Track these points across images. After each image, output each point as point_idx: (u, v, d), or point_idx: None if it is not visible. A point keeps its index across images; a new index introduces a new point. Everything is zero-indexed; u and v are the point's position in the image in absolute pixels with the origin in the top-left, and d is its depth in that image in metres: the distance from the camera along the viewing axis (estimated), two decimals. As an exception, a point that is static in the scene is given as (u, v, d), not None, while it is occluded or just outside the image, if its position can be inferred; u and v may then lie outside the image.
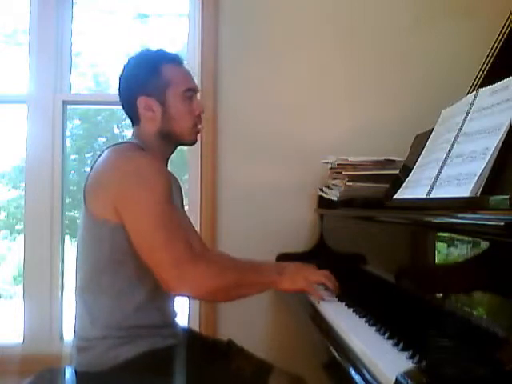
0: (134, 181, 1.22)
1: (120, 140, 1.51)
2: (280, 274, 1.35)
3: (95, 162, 1.34)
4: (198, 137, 1.45)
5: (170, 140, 1.40)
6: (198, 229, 2.06)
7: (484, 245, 0.85)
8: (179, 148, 1.48)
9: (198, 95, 1.44)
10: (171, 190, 1.27)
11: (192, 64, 2.16)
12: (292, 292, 1.40)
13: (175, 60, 1.40)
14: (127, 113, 1.42)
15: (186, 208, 1.76)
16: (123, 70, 1.41)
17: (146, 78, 1.35)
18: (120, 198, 1.21)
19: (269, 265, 1.44)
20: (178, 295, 1.34)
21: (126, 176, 1.23)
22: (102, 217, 1.23)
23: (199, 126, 1.43)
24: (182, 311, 2.08)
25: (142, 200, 1.20)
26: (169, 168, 1.45)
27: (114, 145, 1.36)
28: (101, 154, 1.34)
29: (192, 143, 1.45)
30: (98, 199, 1.26)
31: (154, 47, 1.44)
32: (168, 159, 1.45)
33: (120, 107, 1.44)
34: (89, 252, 1.30)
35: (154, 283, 1.25)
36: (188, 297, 1.65)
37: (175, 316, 1.38)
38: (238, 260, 1.57)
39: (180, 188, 1.53)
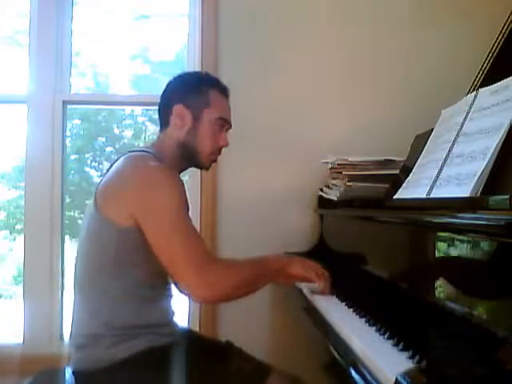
0: (152, 192, 1.23)
1: (119, 140, 1.50)
2: (287, 258, 1.40)
3: (110, 166, 1.36)
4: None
5: (186, 155, 1.42)
6: (197, 227, 2.07)
7: (484, 245, 0.85)
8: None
9: (228, 132, 1.47)
10: (186, 199, 1.31)
11: (192, 64, 2.16)
12: (299, 278, 1.39)
13: (224, 91, 1.46)
14: (160, 116, 1.45)
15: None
16: (174, 77, 1.46)
17: (191, 91, 1.41)
18: (139, 208, 1.22)
19: (273, 255, 1.46)
20: (201, 300, 1.42)
21: (145, 186, 1.24)
22: (113, 219, 1.24)
23: (216, 157, 1.47)
24: (182, 312, 2.08)
25: (162, 211, 1.22)
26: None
27: (130, 151, 1.36)
28: (116, 160, 1.35)
29: (204, 168, 1.48)
30: (112, 204, 1.26)
31: (211, 74, 1.51)
32: (180, 173, 1.46)
33: (119, 107, 1.44)
34: (92, 253, 1.30)
35: (157, 284, 1.28)
36: (209, 302, 1.70)
37: (174, 315, 1.39)
38: (244, 259, 1.56)
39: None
